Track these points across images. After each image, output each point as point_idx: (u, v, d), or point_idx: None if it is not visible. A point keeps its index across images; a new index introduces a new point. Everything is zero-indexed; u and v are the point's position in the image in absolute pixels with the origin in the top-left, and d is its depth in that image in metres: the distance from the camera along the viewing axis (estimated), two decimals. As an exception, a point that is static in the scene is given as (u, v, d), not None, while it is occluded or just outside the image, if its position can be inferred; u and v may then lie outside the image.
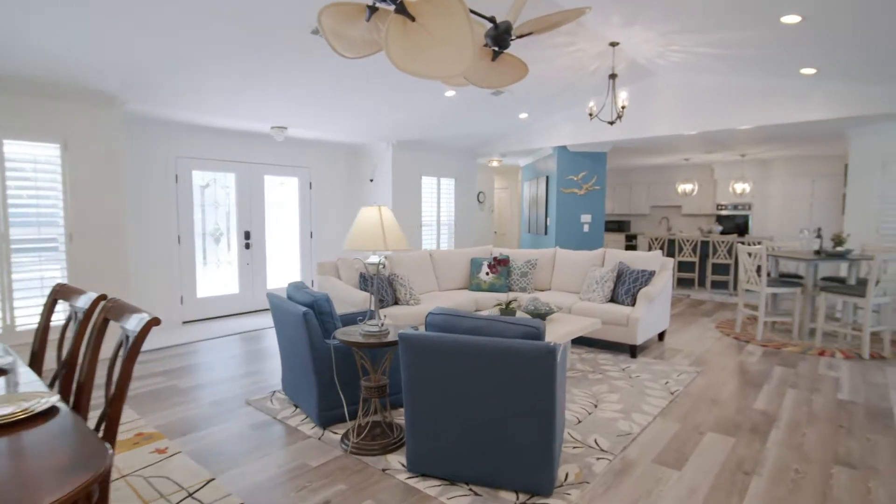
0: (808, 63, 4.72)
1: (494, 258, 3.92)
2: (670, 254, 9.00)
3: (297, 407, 3.41)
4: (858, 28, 3.73)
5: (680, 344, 5.04)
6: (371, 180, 7.51)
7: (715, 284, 8.62)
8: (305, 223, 7.27)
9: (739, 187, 8.90)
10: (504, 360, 2.20)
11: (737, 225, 10.18)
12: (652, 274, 4.72)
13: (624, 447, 2.82)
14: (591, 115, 5.17)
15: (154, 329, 5.65)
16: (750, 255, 5.23)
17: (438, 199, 8.13)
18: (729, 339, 5.25)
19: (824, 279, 5.59)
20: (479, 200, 10.75)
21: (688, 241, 8.64)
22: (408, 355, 2.36)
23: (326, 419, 3.06)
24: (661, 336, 5.14)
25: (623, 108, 4.95)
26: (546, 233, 8.02)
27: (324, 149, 7.44)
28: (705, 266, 8.67)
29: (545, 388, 2.18)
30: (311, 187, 7.28)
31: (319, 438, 2.95)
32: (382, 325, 2.82)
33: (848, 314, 5.19)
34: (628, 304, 4.69)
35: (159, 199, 5.76)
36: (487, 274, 3.96)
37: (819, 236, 5.36)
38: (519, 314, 4.25)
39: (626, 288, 4.74)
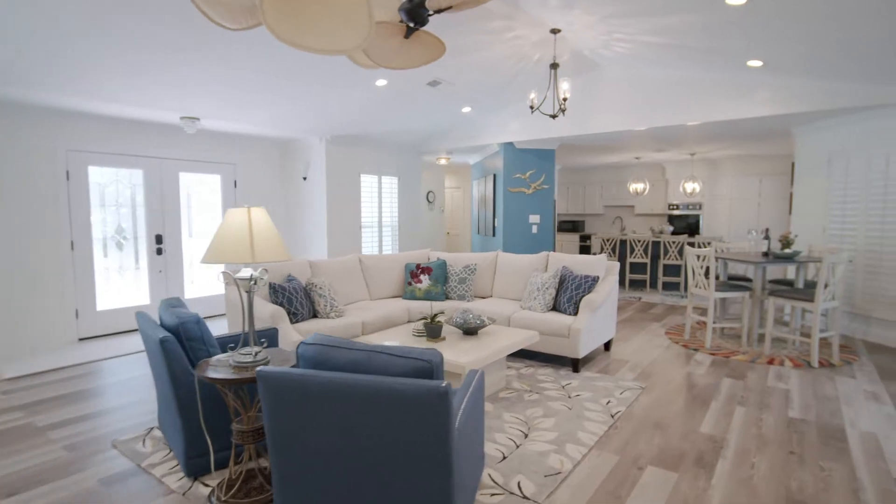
0: (753, 55, 4.46)
1: (418, 266, 3.44)
2: (622, 255, 8.78)
3: (171, 450, 2.83)
4: (801, 16, 3.46)
5: (627, 354, 4.71)
6: (304, 178, 6.91)
7: (667, 286, 8.45)
8: (229, 225, 6.60)
9: (689, 187, 8.77)
10: (387, 404, 1.72)
11: (688, 225, 10.10)
12: (596, 280, 4.36)
13: (551, 491, 2.39)
14: (532, 107, 4.77)
15: (38, 348, 4.90)
16: (698, 257, 4.96)
17: (380, 198, 7.60)
18: (678, 347, 4.96)
19: (773, 282, 5.39)
20: (428, 200, 10.28)
21: (639, 241, 8.44)
22: (269, 398, 1.85)
23: (196, 468, 2.50)
24: (607, 346, 4.80)
25: (565, 100, 4.57)
26: (494, 234, 7.63)
27: (251, 144, 6.78)
28: (657, 267, 8.49)
29: (438, 438, 1.71)
30: (236, 186, 6.62)
31: (184, 494, 2.39)
32: (257, 354, 2.29)
33: (796, 319, 5.00)
34: (571, 314, 4.31)
35: (45, 198, 4.99)
36: (418, 282, 3.49)
37: (767, 237, 5.15)
38: (446, 329, 3.79)
39: (568, 295, 4.36)
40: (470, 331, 3.67)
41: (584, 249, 11.03)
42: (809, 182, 5.85)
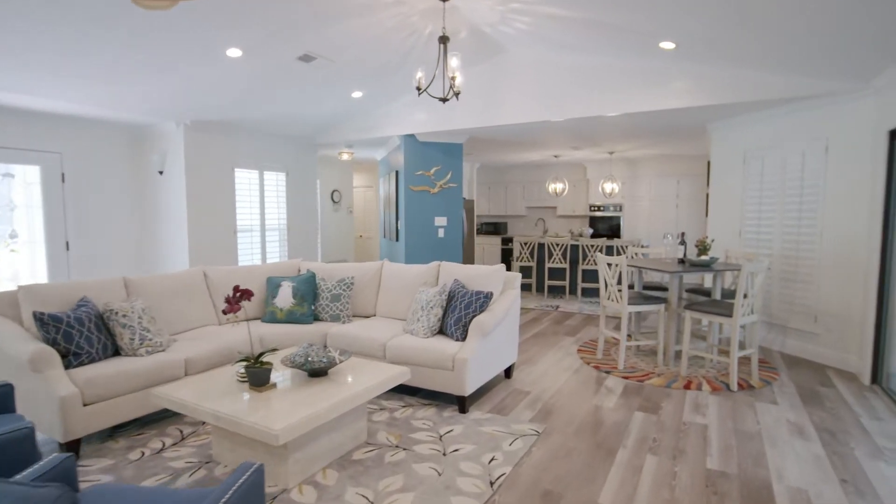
0: (664, 34, 3.90)
1: (235, 289, 2.50)
2: (540, 259, 8.22)
3: None
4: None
5: (530, 381, 4.00)
6: (160, 172, 5.70)
7: (586, 292, 7.97)
8: (57, 230, 5.27)
9: (609, 187, 8.36)
10: None
11: (610, 227, 9.77)
12: (489, 297, 3.60)
13: None
14: (419, 89, 3.94)
15: None
16: (609, 265, 4.35)
17: (262, 197, 6.51)
18: (589, 368, 4.32)
19: (690, 291, 4.91)
20: (333, 200, 9.26)
21: (557, 245, 7.90)
22: None
23: None
24: (508, 372, 4.07)
25: (454, 78, 3.78)
26: (398, 238, 6.77)
27: (87, 128, 5.49)
28: (576, 272, 8.00)
29: None
30: (63, 180, 5.30)
31: None
32: None
33: (714, 334, 4.52)
34: (458, 339, 3.52)
35: None
36: (232, 311, 2.54)
37: (683, 242, 4.65)
38: (279, 373, 2.87)
39: (456, 316, 3.57)
40: (316, 372, 2.77)
41: (507, 253, 10.44)
42: (724, 183, 5.47)
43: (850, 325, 4.20)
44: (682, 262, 4.60)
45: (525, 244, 8.27)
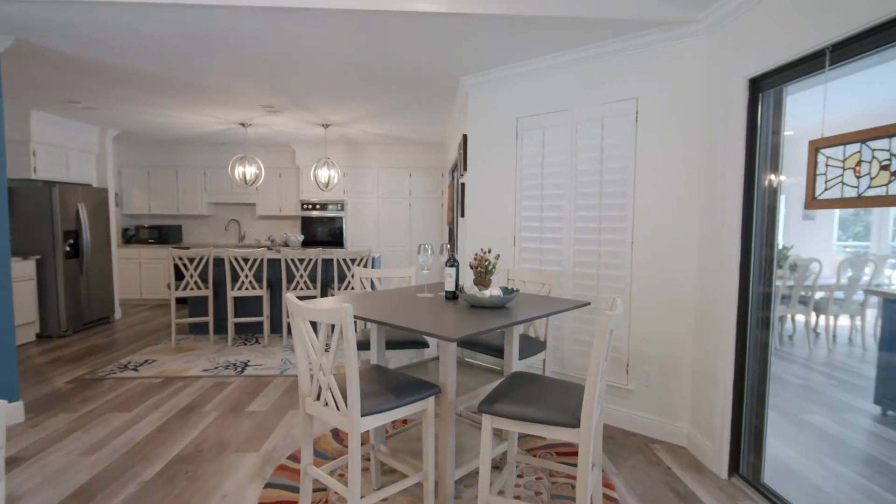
0: None
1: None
2: (219, 283, 5.19)
3: None
4: None
5: None
6: None
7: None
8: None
9: (324, 174, 5.94)
10: None
11: (330, 232, 7.39)
12: None
13: None
14: None
15: None
16: (316, 325, 1.83)
17: None
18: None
19: (468, 344, 2.83)
20: None
21: (245, 260, 5.04)
22: None
23: None
24: None
25: None
26: None
27: None
28: (278, 302, 5.29)
29: None
30: None
31: None
32: None
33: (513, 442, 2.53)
34: None
35: None
36: None
37: (454, 262, 2.51)
38: None
39: None
40: None
41: (179, 272, 6.87)
42: (489, 167, 3.69)
43: (679, 375, 2.80)
44: (453, 296, 2.47)
45: (190, 261, 5.09)
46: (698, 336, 2.69)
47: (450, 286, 2.47)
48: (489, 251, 2.58)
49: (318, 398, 1.91)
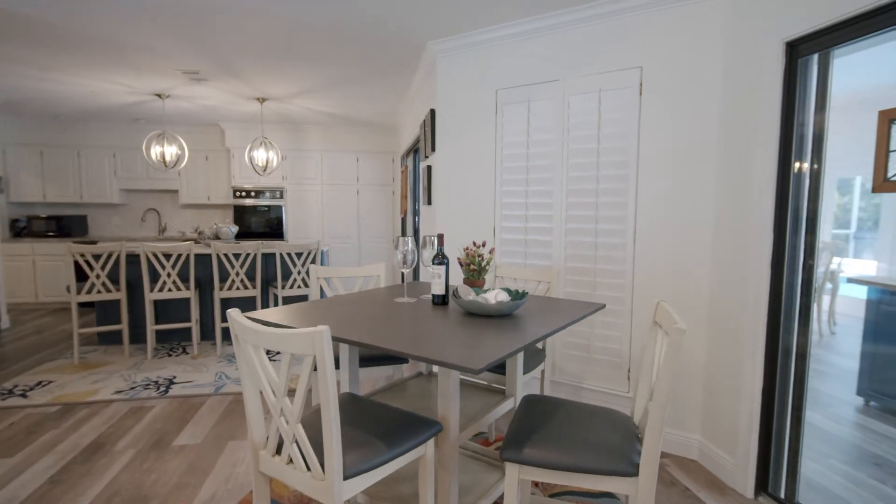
0: None
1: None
2: (135, 285, 4.38)
3: None
4: None
5: None
6: None
7: (228, 335, 4.65)
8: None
9: (261, 156, 5.20)
10: None
11: (267, 223, 6.61)
12: None
13: None
14: None
15: None
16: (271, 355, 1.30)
17: None
18: None
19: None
20: None
21: (167, 256, 4.26)
22: None
23: None
24: None
25: None
26: None
27: None
28: (211, 305, 4.56)
29: None
30: None
31: None
32: None
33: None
34: None
35: None
36: None
37: (443, 259, 2.03)
38: None
39: None
40: None
41: (81, 272, 5.84)
42: (463, 146, 3.22)
43: (689, 381, 2.50)
44: (443, 301, 1.99)
45: (96, 258, 4.24)
46: (713, 337, 2.39)
47: (439, 289, 1.99)
48: (483, 244, 2.12)
49: (279, 453, 1.38)
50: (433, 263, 1.99)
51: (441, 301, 1.99)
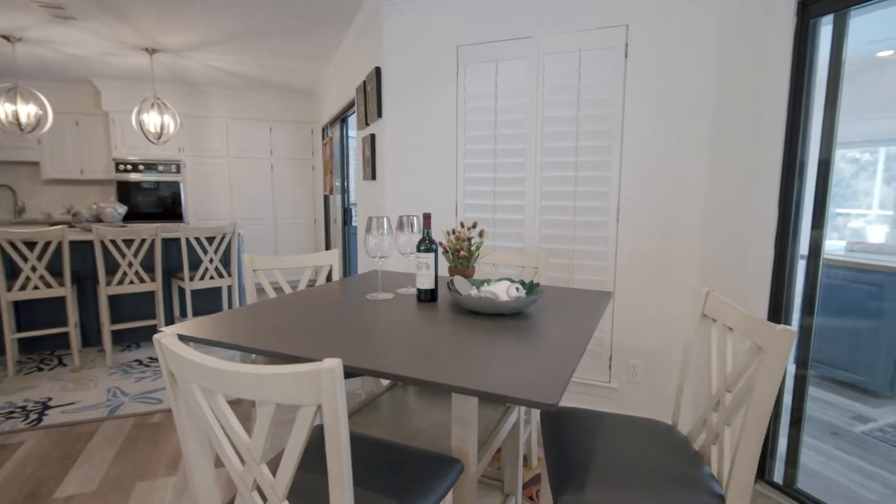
0: None
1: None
2: (-10, 282, 3.41)
3: None
4: None
5: None
6: None
7: (123, 338, 3.84)
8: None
9: (153, 121, 4.30)
10: None
11: (160, 202, 5.62)
12: None
13: None
14: None
15: None
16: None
17: None
18: None
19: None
20: None
21: (31, 244, 3.36)
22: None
23: None
24: None
25: None
26: None
27: None
28: (92, 301, 3.70)
29: None
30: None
31: None
32: None
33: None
34: None
35: None
36: None
37: (431, 245, 1.62)
38: None
39: None
40: None
41: None
42: (418, 113, 2.78)
43: (675, 367, 2.37)
44: (431, 296, 1.60)
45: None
46: (690, 317, 2.26)
47: (426, 282, 1.59)
48: (474, 226, 1.76)
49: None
50: (419, 250, 1.58)
51: (430, 297, 1.60)
